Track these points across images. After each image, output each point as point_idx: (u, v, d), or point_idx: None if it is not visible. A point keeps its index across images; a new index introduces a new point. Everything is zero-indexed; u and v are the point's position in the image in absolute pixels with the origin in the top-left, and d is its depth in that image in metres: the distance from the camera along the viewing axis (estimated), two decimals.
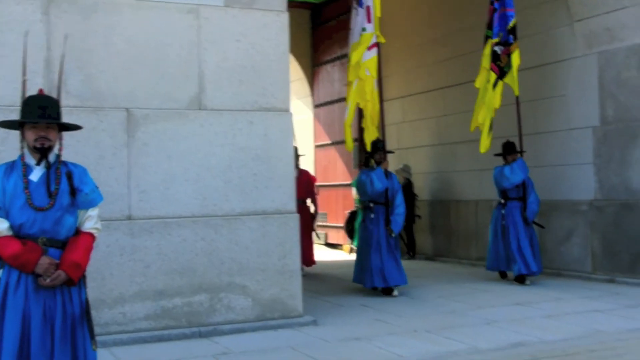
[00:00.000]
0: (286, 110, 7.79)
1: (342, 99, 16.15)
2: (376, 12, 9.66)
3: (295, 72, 17.18)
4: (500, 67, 10.39)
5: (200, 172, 7.37)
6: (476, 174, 12.92)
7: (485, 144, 10.55)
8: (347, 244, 15.59)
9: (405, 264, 13.25)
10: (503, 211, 10.45)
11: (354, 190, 15.04)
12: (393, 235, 9.63)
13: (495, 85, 10.39)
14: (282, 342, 6.92)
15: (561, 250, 11.22)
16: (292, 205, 7.79)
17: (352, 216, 15.12)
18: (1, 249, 4.01)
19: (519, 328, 7.39)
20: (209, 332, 7.22)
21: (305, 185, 11.90)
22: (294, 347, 6.68)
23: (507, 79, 10.48)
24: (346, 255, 15.26)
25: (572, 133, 11.05)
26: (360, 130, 15.74)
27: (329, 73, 16.86)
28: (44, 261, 4.02)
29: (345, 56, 16.09)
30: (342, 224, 15.60)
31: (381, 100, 9.94)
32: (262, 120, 7.64)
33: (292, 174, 7.93)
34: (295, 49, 16.17)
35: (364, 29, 9.67)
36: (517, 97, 10.63)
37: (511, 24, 10.37)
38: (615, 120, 10.40)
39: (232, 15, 7.54)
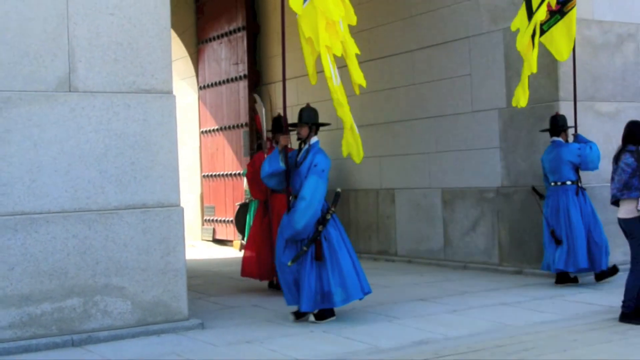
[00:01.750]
0: (168, 92, 7.73)
1: (230, 80, 16.18)
2: None
3: (178, 50, 17.04)
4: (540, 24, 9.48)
5: (71, 161, 7.25)
6: (376, 161, 13.09)
7: (523, 98, 9.46)
8: (238, 240, 15.57)
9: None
10: (583, 198, 9.67)
11: (245, 181, 15.07)
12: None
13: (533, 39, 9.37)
14: (166, 348, 6.91)
15: (467, 241, 11.54)
16: (175, 197, 7.76)
17: (243, 209, 15.15)
18: None
19: (422, 325, 7.57)
20: (83, 340, 7.12)
21: None
22: (179, 353, 6.68)
23: (544, 39, 9.73)
24: (236, 252, 15.24)
25: (477, 115, 11.37)
26: (253, 113, 15.84)
27: (216, 51, 16.79)
28: None
29: (232, 32, 16.16)
30: (231, 218, 15.60)
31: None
32: (140, 103, 7.57)
33: (176, 163, 7.86)
34: (177, 25, 16.08)
35: None
36: (574, 63, 10.02)
37: None
38: None
39: None
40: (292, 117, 9.49)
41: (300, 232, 7.64)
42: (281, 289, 8.85)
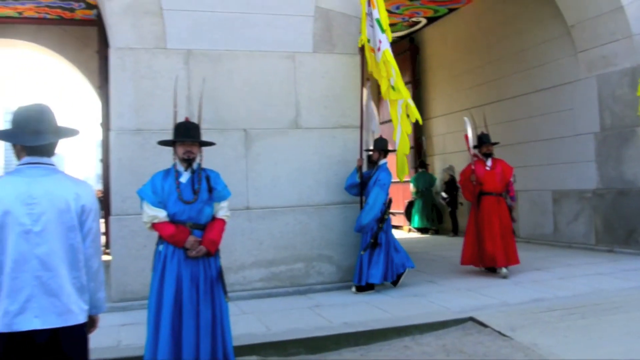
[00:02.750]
0: (359, 127, 7.81)
1: None
2: (380, 6, 7.25)
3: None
4: None
5: (298, 174, 7.49)
6: None
7: None
8: (406, 226, 15.61)
9: (450, 240, 13.25)
10: None
11: (411, 185, 15.07)
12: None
13: None
14: (358, 298, 7.01)
15: (570, 228, 10.99)
16: None
17: (410, 205, 15.16)
18: (161, 230, 4.21)
19: (538, 287, 7.32)
20: (305, 290, 7.35)
21: (500, 176, 8.33)
22: (367, 302, 6.77)
23: None
24: (405, 233, 15.27)
25: (578, 138, 10.80)
26: (416, 139, 15.80)
27: None
28: (191, 239, 4.19)
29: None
30: (402, 211, 15.61)
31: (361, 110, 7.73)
32: (341, 135, 7.70)
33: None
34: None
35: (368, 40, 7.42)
36: None
37: None
38: (611, 127, 10.11)
39: (319, 58, 7.66)
40: (452, 141, 9.33)
41: (364, 226, 7.22)
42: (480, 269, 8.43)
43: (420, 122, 7.43)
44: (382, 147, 7.63)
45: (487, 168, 8.33)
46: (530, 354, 4.90)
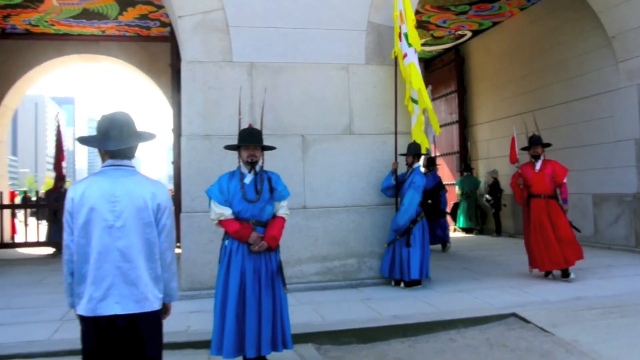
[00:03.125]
0: (408, 133, 7.74)
1: (447, 124, 15.94)
2: (408, 22, 7.30)
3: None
4: None
5: (350, 176, 7.48)
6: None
7: None
8: (452, 226, 15.34)
9: (493, 240, 12.98)
10: None
11: (457, 188, 14.83)
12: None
13: None
14: (406, 292, 6.95)
15: (611, 230, 10.60)
16: None
17: (456, 206, 14.92)
18: (227, 226, 4.26)
19: (579, 286, 7.08)
20: (357, 284, 7.31)
21: (549, 178, 7.62)
22: (414, 296, 6.71)
23: None
24: (451, 233, 14.99)
25: (618, 144, 10.42)
26: (462, 144, 15.58)
27: (437, 106, 16.62)
28: (254, 235, 4.21)
29: (448, 94, 15.94)
30: (448, 211, 15.37)
31: (391, 121, 7.57)
32: (391, 140, 7.63)
33: None
34: None
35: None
36: None
37: None
38: None
39: (371, 69, 7.64)
40: (498, 147, 9.10)
41: (401, 227, 7.11)
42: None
43: (438, 133, 7.50)
44: (415, 151, 7.42)
45: (536, 170, 7.68)
46: (572, 350, 4.75)
